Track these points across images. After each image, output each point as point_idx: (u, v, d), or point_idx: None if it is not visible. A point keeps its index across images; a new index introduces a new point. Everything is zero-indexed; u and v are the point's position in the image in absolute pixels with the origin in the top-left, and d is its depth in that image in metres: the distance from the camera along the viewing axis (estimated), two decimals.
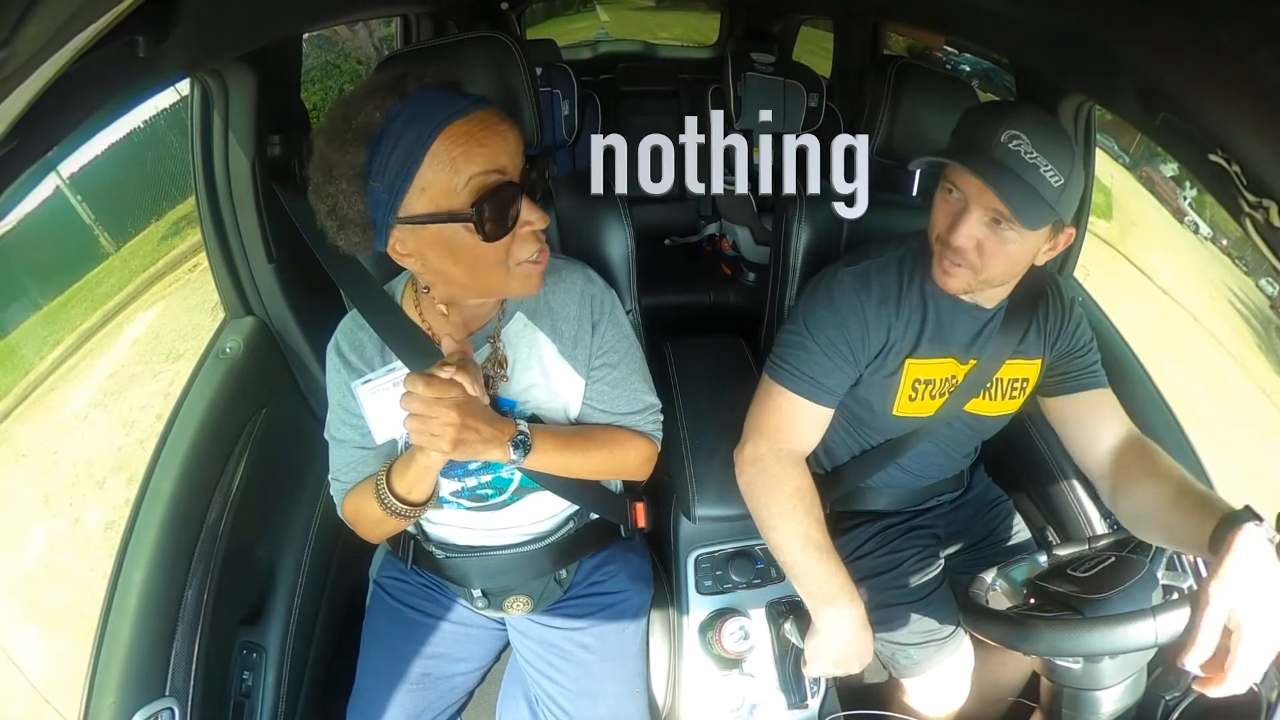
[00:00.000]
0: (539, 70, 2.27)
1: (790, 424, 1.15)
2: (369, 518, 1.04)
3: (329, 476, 1.12)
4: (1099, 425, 1.15)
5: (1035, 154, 0.92)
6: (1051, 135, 0.94)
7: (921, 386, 1.16)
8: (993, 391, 1.19)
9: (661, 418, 1.15)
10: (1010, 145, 0.93)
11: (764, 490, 1.12)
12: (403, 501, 0.97)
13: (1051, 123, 0.97)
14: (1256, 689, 0.87)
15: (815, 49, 3.45)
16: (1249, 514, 0.82)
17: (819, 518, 1.11)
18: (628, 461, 1.11)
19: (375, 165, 0.80)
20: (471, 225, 0.82)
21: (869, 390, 1.17)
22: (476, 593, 1.16)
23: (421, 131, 0.79)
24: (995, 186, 0.92)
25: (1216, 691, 0.75)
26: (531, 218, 0.86)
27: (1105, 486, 1.13)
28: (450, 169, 0.80)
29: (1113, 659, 0.87)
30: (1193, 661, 0.75)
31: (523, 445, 0.95)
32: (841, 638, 1.07)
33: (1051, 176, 0.93)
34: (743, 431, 1.18)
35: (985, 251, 0.99)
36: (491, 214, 0.82)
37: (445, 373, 0.84)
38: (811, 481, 1.13)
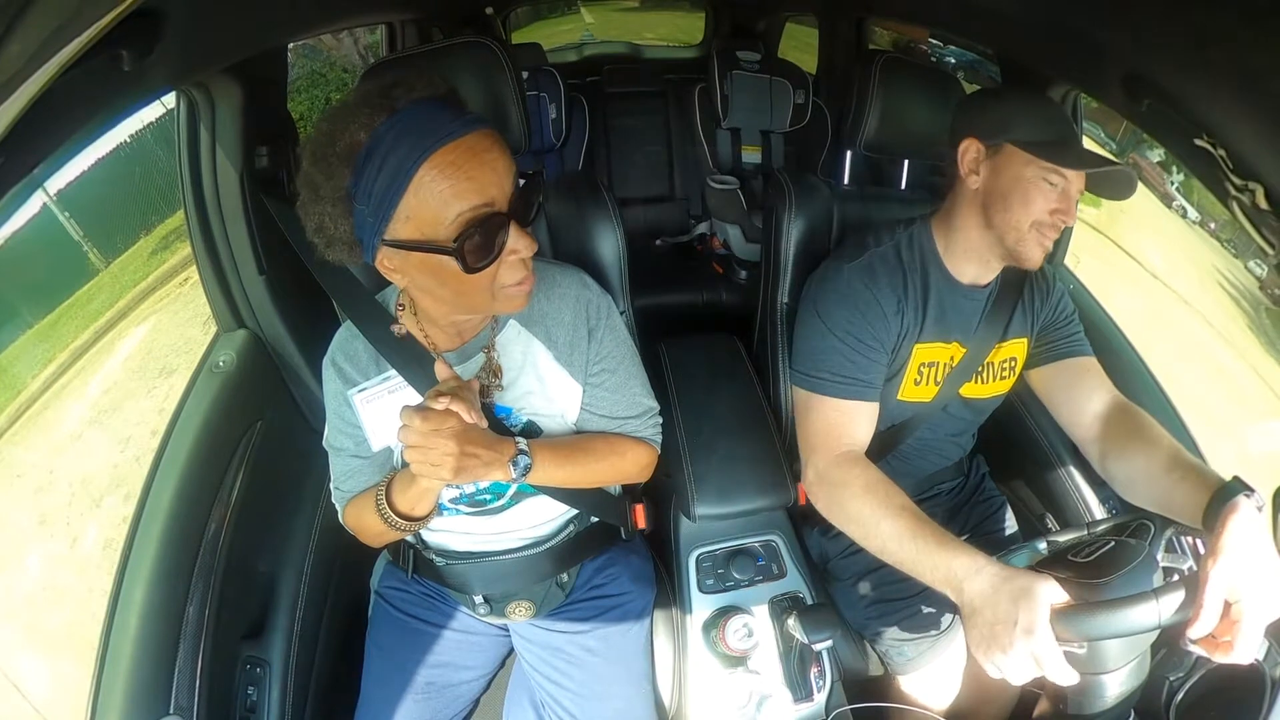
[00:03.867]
0: (525, 74, 2.27)
1: (841, 429, 1.13)
2: (371, 529, 1.04)
3: (330, 485, 1.12)
4: (1085, 392, 1.18)
5: None
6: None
7: (926, 370, 1.18)
8: (984, 375, 1.22)
9: (660, 420, 1.15)
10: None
11: (839, 503, 1.07)
12: (404, 518, 0.97)
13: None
14: (1259, 664, 0.88)
15: (800, 45, 3.46)
16: (1240, 485, 0.85)
17: (903, 504, 1.02)
18: (627, 469, 1.11)
19: (360, 188, 0.78)
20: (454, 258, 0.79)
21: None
22: (478, 599, 1.15)
23: (406, 158, 0.76)
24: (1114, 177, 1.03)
25: (1224, 659, 0.77)
26: (518, 246, 0.83)
27: (1095, 452, 1.15)
28: (436, 201, 0.77)
29: (1118, 642, 0.87)
30: (1197, 633, 0.76)
31: (523, 464, 0.95)
32: (999, 607, 0.84)
33: None
34: (800, 456, 1.17)
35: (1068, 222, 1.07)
36: (475, 248, 0.79)
37: (440, 404, 0.84)
38: (878, 471, 1.08)
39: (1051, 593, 0.82)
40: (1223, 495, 0.85)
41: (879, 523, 1.01)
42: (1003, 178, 1.06)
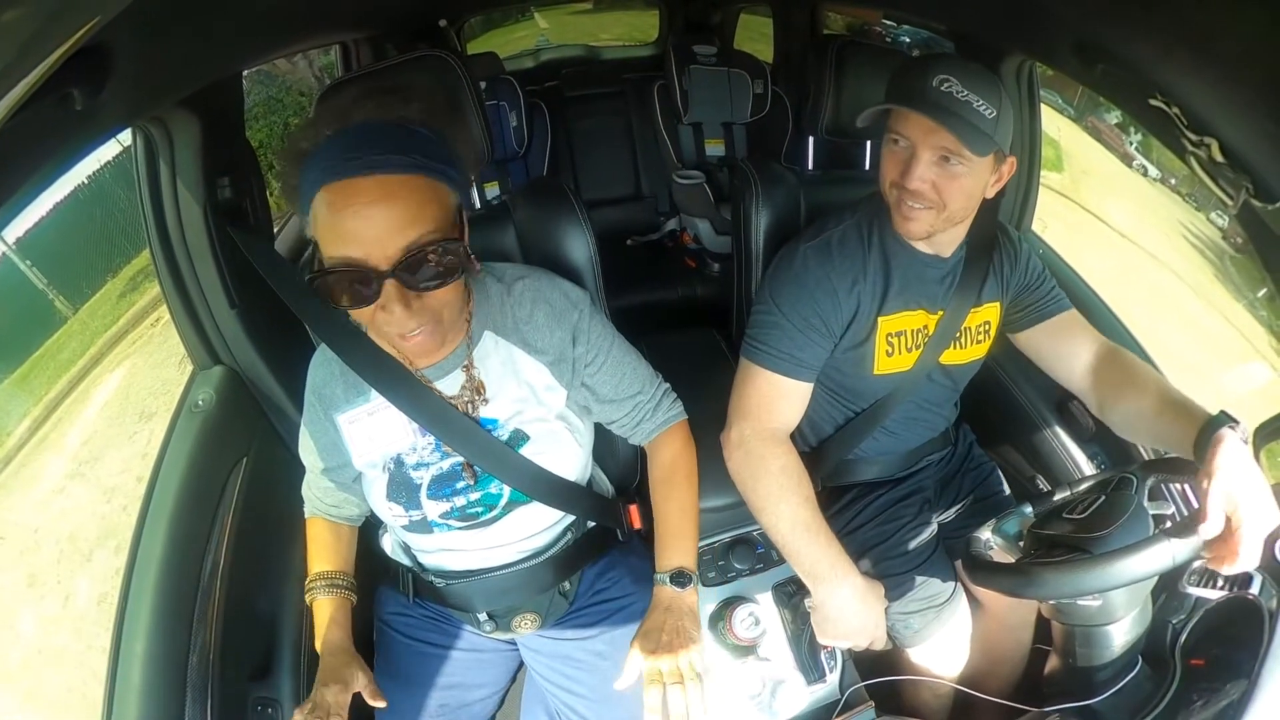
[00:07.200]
0: (483, 84, 2.25)
1: (771, 403, 1.17)
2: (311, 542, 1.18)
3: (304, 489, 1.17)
4: (1074, 345, 1.23)
5: (966, 92, 1.00)
6: (976, 74, 1.02)
7: (896, 340, 1.19)
8: (962, 340, 1.24)
9: (667, 385, 1.17)
10: (942, 88, 1.00)
11: (751, 473, 1.14)
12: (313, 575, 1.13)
13: (973, 65, 1.04)
14: (1256, 598, 0.90)
15: (756, 35, 3.48)
16: (1225, 418, 0.93)
17: (807, 495, 1.12)
18: (691, 466, 1.16)
19: (299, 189, 0.81)
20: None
21: (848, 356, 1.19)
22: (483, 616, 1.15)
23: (314, 180, 0.78)
24: (942, 122, 0.99)
25: (1231, 569, 0.82)
26: (390, 309, 0.80)
27: (1094, 400, 1.21)
28: (320, 230, 0.79)
29: (1122, 590, 0.88)
30: (1208, 531, 0.82)
31: (688, 578, 1.07)
32: (839, 612, 1.09)
33: (984, 109, 1.00)
34: (727, 416, 1.20)
35: (941, 189, 1.05)
36: (329, 291, 0.79)
37: None
38: (797, 459, 1.15)
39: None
40: (1210, 427, 0.91)
41: (782, 504, 1.11)
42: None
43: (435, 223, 0.79)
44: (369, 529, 1.24)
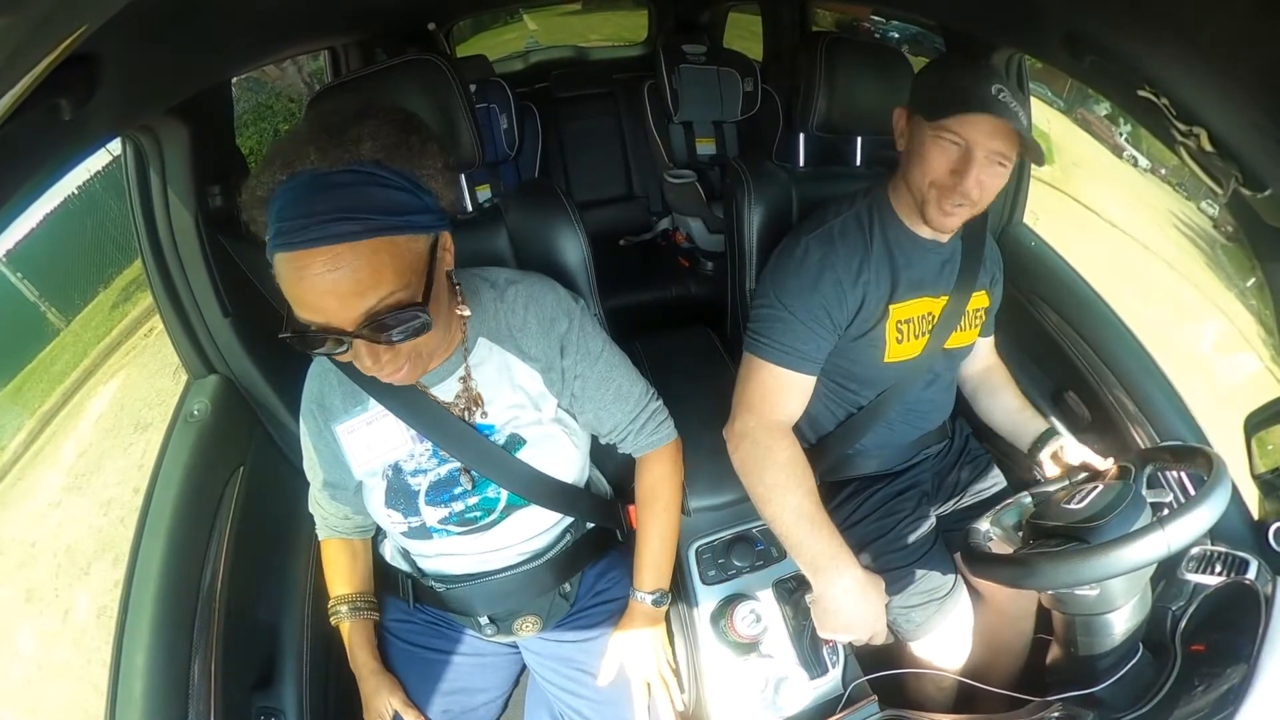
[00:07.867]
0: (473, 87, 2.25)
1: (775, 395, 1.17)
2: (328, 566, 1.21)
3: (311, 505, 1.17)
4: (983, 357, 1.42)
5: (1014, 102, 1.03)
6: (1013, 84, 1.06)
7: (905, 328, 1.21)
8: (964, 324, 1.27)
9: (659, 404, 1.16)
10: (1000, 97, 1.03)
11: (755, 465, 1.14)
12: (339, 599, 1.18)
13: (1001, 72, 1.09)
14: (1253, 583, 0.91)
15: (745, 33, 3.48)
16: (1052, 431, 1.28)
17: (810, 488, 1.13)
18: (674, 492, 1.19)
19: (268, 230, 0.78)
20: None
21: (857, 345, 1.20)
22: (484, 620, 1.15)
23: (270, 238, 0.76)
24: (1017, 129, 1.03)
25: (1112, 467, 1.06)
26: (363, 360, 0.81)
27: (969, 390, 1.44)
28: (285, 290, 0.76)
29: (1121, 579, 0.89)
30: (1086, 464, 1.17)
31: (665, 598, 1.17)
32: (839, 604, 1.09)
33: (1024, 117, 1.07)
34: (731, 409, 1.20)
35: (985, 188, 1.09)
36: (295, 337, 0.78)
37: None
38: (801, 452, 1.15)
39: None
40: (1048, 433, 1.27)
41: (786, 496, 1.11)
42: (913, 140, 1.13)
43: (395, 282, 0.76)
44: None
